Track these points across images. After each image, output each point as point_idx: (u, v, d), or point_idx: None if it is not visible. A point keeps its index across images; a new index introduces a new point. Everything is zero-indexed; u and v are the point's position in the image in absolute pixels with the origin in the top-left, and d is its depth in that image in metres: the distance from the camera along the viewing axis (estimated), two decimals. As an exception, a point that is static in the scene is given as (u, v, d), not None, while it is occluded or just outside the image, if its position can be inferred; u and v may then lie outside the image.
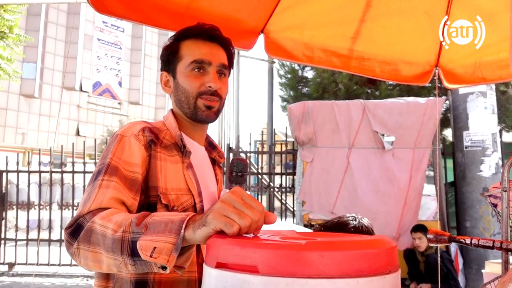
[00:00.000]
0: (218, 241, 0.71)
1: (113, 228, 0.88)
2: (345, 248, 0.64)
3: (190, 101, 1.23)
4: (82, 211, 0.98)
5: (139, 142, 1.14)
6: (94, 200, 1.00)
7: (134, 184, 1.09)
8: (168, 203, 1.14)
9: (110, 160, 1.09)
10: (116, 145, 1.12)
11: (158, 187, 1.14)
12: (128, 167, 1.10)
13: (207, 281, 0.72)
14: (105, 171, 1.07)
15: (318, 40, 2.40)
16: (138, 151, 1.13)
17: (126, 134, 1.14)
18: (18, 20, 9.27)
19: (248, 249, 0.65)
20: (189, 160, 1.23)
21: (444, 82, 2.43)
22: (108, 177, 1.06)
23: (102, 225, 0.91)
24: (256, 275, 0.63)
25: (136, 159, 1.12)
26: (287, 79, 7.77)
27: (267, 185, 6.32)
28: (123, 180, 1.07)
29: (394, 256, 0.70)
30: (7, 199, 6.70)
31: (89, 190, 1.06)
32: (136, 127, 1.17)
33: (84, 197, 1.05)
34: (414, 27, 2.33)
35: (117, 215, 0.94)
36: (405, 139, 5.18)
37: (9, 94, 24.35)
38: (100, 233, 0.90)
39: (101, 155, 1.16)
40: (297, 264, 0.61)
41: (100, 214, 0.94)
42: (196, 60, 1.23)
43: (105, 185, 1.04)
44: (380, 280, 0.64)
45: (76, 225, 0.96)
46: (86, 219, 0.95)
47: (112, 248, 0.87)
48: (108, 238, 0.88)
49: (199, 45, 1.25)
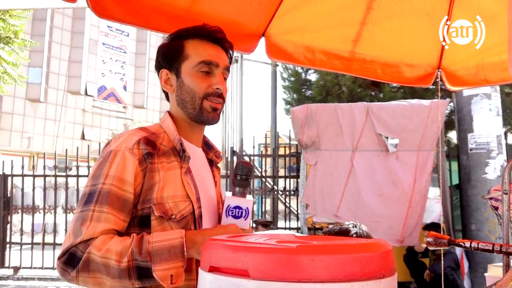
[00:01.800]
0: (211, 245, 0.71)
1: (116, 259, 1.01)
2: (336, 252, 0.63)
3: (196, 101, 1.21)
4: (74, 241, 1.04)
5: (134, 156, 1.11)
6: (85, 233, 1.04)
7: (125, 205, 1.09)
8: (163, 214, 1.12)
9: (102, 185, 1.09)
10: (109, 164, 1.11)
11: (152, 199, 1.12)
12: (121, 185, 1.09)
13: (202, 284, 0.71)
14: (96, 198, 1.08)
15: (319, 43, 2.39)
16: (131, 166, 1.11)
17: (120, 148, 1.12)
18: (24, 25, 9.33)
19: (239, 253, 0.64)
20: (187, 165, 1.20)
21: (447, 84, 2.41)
22: (99, 207, 1.07)
23: (102, 257, 1.01)
24: (249, 279, 0.62)
25: (129, 176, 1.10)
26: (291, 82, 7.76)
27: (271, 188, 6.31)
28: (115, 204, 1.08)
29: (390, 260, 0.69)
30: (12, 203, 6.74)
31: (79, 218, 1.08)
32: (131, 140, 1.14)
33: (73, 225, 1.08)
34: (415, 29, 2.32)
35: (112, 244, 1.03)
36: (409, 141, 5.15)
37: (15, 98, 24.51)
38: (102, 263, 1.01)
39: (94, 170, 1.14)
40: (288, 268, 0.61)
41: (95, 245, 1.03)
42: (204, 60, 1.21)
43: (96, 217, 1.06)
44: (375, 284, 0.64)
45: (69, 255, 1.04)
46: (79, 249, 1.03)
47: (120, 276, 1.01)
48: (113, 268, 1.01)
49: (205, 46, 1.24)
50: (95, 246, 1.03)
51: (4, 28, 8.88)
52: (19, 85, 9.74)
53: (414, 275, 4.83)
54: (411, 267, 4.82)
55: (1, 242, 6.66)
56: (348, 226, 1.59)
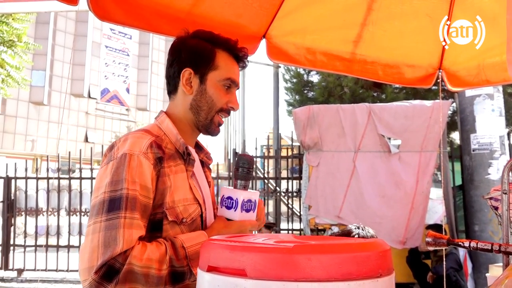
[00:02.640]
0: (209, 244, 0.72)
1: (157, 267, 1.02)
2: (333, 251, 0.63)
3: (211, 113, 1.23)
4: (112, 253, 0.99)
5: (149, 161, 1.09)
6: (124, 243, 1.00)
7: (146, 211, 1.08)
8: (175, 218, 1.12)
9: (128, 191, 1.05)
10: (127, 168, 1.07)
11: (164, 203, 1.11)
12: (144, 192, 1.08)
13: (200, 284, 0.72)
14: (125, 205, 1.04)
15: (320, 44, 2.40)
16: (148, 171, 1.09)
17: (134, 152, 1.09)
18: (27, 28, 9.38)
19: (237, 253, 0.65)
20: (193, 168, 1.21)
21: (448, 84, 2.41)
22: (130, 213, 1.04)
23: (143, 266, 1.01)
24: (246, 279, 0.63)
25: (149, 182, 1.09)
26: (293, 83, 7.77)
27: (274, 190, 6.31)
28: (142, 211, 1.07)
29: (387, 260, 0.69)
30: (16, 206, 6.76)
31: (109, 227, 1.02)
32: (143, 143, 1.11)
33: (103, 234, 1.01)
34: (416, 30, 2.32)
35: (151, 253, 1.03)
36: (411, 142, 5.14)
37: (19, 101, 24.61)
38: (142, 273, 1.01)
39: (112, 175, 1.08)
40: (285, 267, 0.61)
41: (134, 256, 1.01)
42: (231, 78, 1.24)
43: (128, 224, 1.03)
44: (372, 283, 0.64)
45: (107, 268, 0.99)
46: (118, 261, 0.99)
47: (157, 283, 1.03)
48: (152, 277, 1.02)
49: (233, 63, 1.27)
50: (135, 256, 1.01)
51: (8, 31, 8.94)
52: (22, 88, 9.79)
53: (417, 277, 4.82)
54: (414, 268, 4.81)
55: (5, 245, 6.68)
56: (351, 228, 1.60)
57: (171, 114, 1.27)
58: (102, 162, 1.14)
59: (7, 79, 9.15)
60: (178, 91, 1.27)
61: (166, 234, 1.12)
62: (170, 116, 1.26)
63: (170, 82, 1.29)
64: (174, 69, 1.26)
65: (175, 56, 1.27)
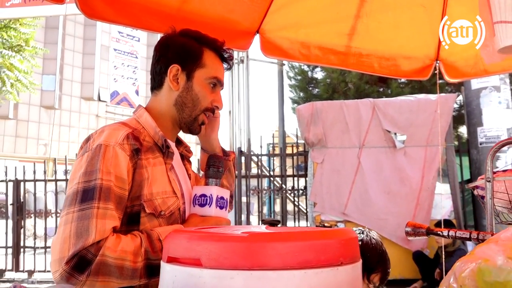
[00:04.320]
0: (170, 235, 0.70)
1: (131, 260, 1.00)
2: (289, 240, 0.62)
3: (195, 111, 1.23)
4: (84, 243, 0.97)
5: (125, 152, 1.08)
6: (96, 234, 0.98)
7: (121, 202, 1.07)
8: (153, 211, 1.11)
9: (101, 181, 1.03)
10: (102, 159, 1.05)
11: (142, 196, 1.10)
12: (119, 183, 1.06)
13: (162, 276, 0.71)
14: (98, 195, 1.02)
15: (314, 38, 2.37)
16: (124, 163, 1.08)
17: (110, 143, 1.08)
18: (34, 33, 9.49)
19: (193, 242, 0.64)
20: (171, 161, 1.21)
21: (445, 76, 2.37)
22: (103, 204, 1.02)
23: (117, 258, 0.99)
24: (202, 268, 0.61)
25: (124, 173, 1.07)
26: (297, 80, 7.73)
27: (280, 188, 6.29)
28: (116, 202, 1.05)
29: (350, 248, 0.67)
30: (25, 208, 6.84)
31: (81, 217, 1.00)
32: (120, 135, 1.11)
33: (75, 225, 0.99)
34: (411, 21, 2.29)
35: (125, 245, 1.01)
36: (417, 137, 5.08)
37: (30, 106, 24.94)
38: (115, 265, 0.98)
39: (86, 165, 1.07)
40: (239, 256, 0.60)
41: (108, 247, 0.99)
42: (217, 77, 1.25)
43: (101, 214, 1.01)
44: (332, 271, 0.62)
45: (79, 258, 0.96)
46: (90, 252, 0.97)
47: (132, 276, 1.01)
48: (127, 269, 1.00)
49: (219, 62, 1.28)
50: (108, 248, 0.99)
51: (15, 36, 9.05)
52: (31, 92, 9.91)
53: (424, 274, 4.76)
54: (420, 265, 4.75)
55: (15, 247, 6.76)
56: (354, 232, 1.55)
57: (152, 109, 1.26)
58: (78, 154, 1.13)
59: (16, 84, 9.27)
60: (163, 87, 1.26)
61: (144, 227, 1.10)
62: (150, 110, 1.25)
63: (155, 78, 1.29)
64: (160, 65, 1.26)
65: (162, 52, 1.27)
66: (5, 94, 9.37)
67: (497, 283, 0.45)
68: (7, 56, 8.86)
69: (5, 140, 24.73)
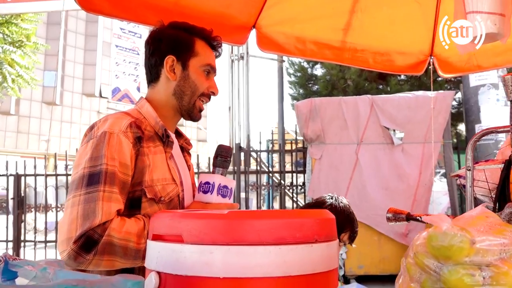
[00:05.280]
0: (155, 215, 0.74)
1: (135, 241, 1.05)
2: (265, 217, 0.65)
3: (193, 98, 1.28)
4: (91, 224, 1.02)
5: (128, 139, 1.14)
6: (102, 215, 1.04)
7: (125, 187, 1.12)
8: (154, 196, 1.16)
9: (107, 166, 1.09)
10: (107, 145, 1.11)
11: (143, 181, 1.15)
12: (123, 169, 1.12)
13: (147, 253, 0.74)
14: (104, 179, 1.07)
15: (309, 33, 2.40)
16: (127, 150, 1.13)
17: (114, 131, 1.13)
18: (35, 29, 9.52)
19: (175, 219, 0.67)
20: (171, 150, 1.26)
21: (439, 71, 2.40)
22: (109, 187, 1.07)
23: (122, 239, 1.04)
24: (183, 244, 0.65)
25: (127, 160, 1.13)
26: (297, 77, 7.76)
27: (278, 183, 6.33)
28: (120, 187, 1.10)
29: (326, 227, 0.70)
30: (25, 202, 6.88)
31: (88, 200, 1.05)
32: (123, 123, 1.16)
33: (82, 207, 1.04)
34: (405, 16, 2.32)
35: (129, 227, 1.06)
36: (415, 133, 5.10)
37: (32, 102, 25.02)
38: (120, 245, 1.04)
39: (91, 151, 1.12)
40: (218, 232, 0.63)
41: (113, 228, 1.04)
42: (210, 64, 1.31)
43: (107, 197, 1.07)
44: (306, 248, 0.65)
45: (86, 238, 1.02)
46: (96, 232, 1.03)
47: (135, 256, 1.05)
48: (131, 249, 1.04)
49: (210, 50, 1.33)
50: (114, 229, 1.04)
51: (17, 32, 9.08)
52: (32, 88, 9.95)
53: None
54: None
55: (16, 241, 6.81)
56: (325, 198, 1.63)
57: (152, 100, 1.31)
58: (82, 141, 1.18)
59: (17, 79, 9.31)
60: (160, 79, 1.31)
61: (145, 211, 1.15)
62: (150, 102, 1.30)
63: (151, 71, 1.34)
64: (155, 58, 1.31)
65: (155, 46, 1.32)
66: (7, 90, 9.41)
67: (442, 247, 0.49)
68: (9, 52, 8.90)
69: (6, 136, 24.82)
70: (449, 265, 0.48)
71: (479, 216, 0.59)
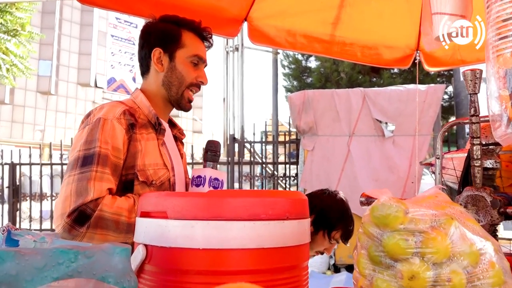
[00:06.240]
0: (143, 195, 0.81)
1: (126, 215, 1.12)
2: (241, 196, 0.72)
3: (181, 88, 1.35)
4: (84, 200, 1.10)
5: (121, 125, 1.22)
6: (94, 192, 1.12)
7: (117, 170, 1.20)
8: (145, 179, 1.24)
9: (100, 149, 1.16)
10: (101, 130, 1.18)
11: (136, 165, 1.23)
12: (116, 152, 1.19)
13: (136, 229, 0.81)
14: (97, 160, 1.15)
15: (300, 27, 2.46)
16: (120, 135, 1.21)
17: (108, 117, 1.21)
18: (30, 18, 9.49)
19: (160, 198, 0.74)
20: (163, 137, 1.34)
21: (425, 65, 2.47)
22: (101, 168, 1.15)
23: (113, 213, 1.11)
24: (167, 220, 0.72)
25: (120, 144, 1.20)
26: (291, 69, 7.81)
27: (271, 174, 6.41)
28: (112, 169, 1.18)
29: (297, 207, 0.78)
30: (21, 191, 6.93)
31: (81, 179, 1.13)
32: (117, 110, 1.24)
33: (75, 185, 1.12)
34: (392, 11, 2.38)
35: (120, 203, 1.14)
36: (406, 126, 5.19)
37: (26, 91, 24.87)
38: (112, 219, 1.11)
39: (86, 135, 1.20)
40: (198, 208, 0.70)
41: (105, 203, 1.12)
42: (198, 55, 1.35)
43: (99, 177, 1.14)
44: (278, 224, 0.73)
45: (79, 213, 1.10)
46: (89, 207, 1.10)
47: (127, 230, 1.10)
48: (123, 223, 1.10)
49: (198, 41, 1.38)
50: (106, 204, 1.11)
51: (11, 21, 9.05)
52: (27, 77, 9.93)
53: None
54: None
55: (11, 229, 6.87)
56: (316, 192, 1.68)
57: (145, 91, 1.39)
58: (79, 128, 1.26)
59: (12, 69, 9.30)
60: (150, 71, 1.39)
61: (137, 194, 1.23)
62: (144, 92, 1.38)
63: (142, 63, 1.42)
64: (145, 50, 1.39)
65: (145, 39, 1.40)
66: (1, 79, 9.40)
67: (381, 216, 0.57)
68: (3, 41, 8.88)
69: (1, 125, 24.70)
70: (387, 232, 0.57)
71: (430, 196, 0.68)
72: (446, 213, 0.56)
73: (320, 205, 1.57)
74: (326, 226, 1.54)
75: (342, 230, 1.55)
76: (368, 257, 0.60)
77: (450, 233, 0.54)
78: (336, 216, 1.54)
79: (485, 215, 0.85)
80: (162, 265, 0.71)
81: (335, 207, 1.58)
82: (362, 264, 0.61)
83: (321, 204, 1.58)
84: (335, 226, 1.54)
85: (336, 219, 1.54)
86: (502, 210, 0.85)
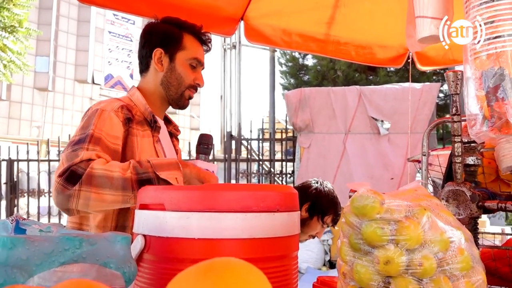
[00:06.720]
0: (142, 189, 0.86)
1: (120, 171, 1.10)
2: (234, 190, 0.77)
3: (181, 88, 1.40)
4: (74, 161, 1.10)
5: (119, 118, 1.26)
6: (84, 155, 1.13)
7: (116, 155, 1.23)
8: None
9: (93, 131, 1.19)
10: (97, 118, 1.22)
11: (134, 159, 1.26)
12: (111, 138, 1.22)
13: (135, 221, 0.86)
14: (88, 140, 1.17)
15: (295, 26, 2.51)
16: (117, 125, 1.25)
17: (106, 109, 1.26)
18: (27, 14, 9.48)
19: (158, 191, 0.79)
20: (158, 134, 1.39)
21: (417, 64, 2.52)
22: (92, 146, 1.16)
23: (106, 170, 1.10)
24: (165, 211, 0.77)
25: (117, 132, 1.24)
26: (288, 67, 7.86)
27: (268, 171, 6.46)
28: (106, 150, 1.19)
29: (287, 200, 0.82)
30: (18, 187, 6.96)
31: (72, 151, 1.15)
32: (115, 104, 1.29)
33: (65, 154, 1.15)
34: (386, 11, 2.42)
35: (113, 163, 1.13)
36: (401, 124, 5.24)
37: (24, 87, 24.82)
38: (105, 176, 1.09)
39: (82, 123, 1.25)
40: (194, 200, 0.75)
41: (97, 162, 1.11)
42: (197, 58, 1.41)
43: (90, 150, 1.16)
44: (269, 216, 0.78)
45: (70, 172, 1.09)
46: (80, 167, 1.10)
47: (123, 186, 1.09)
48: (117, 179, 1.08)
49: (198, 45, 1.44)
50: (97, 162, 1.11)
51: (9, 17, 9.04)
52: (24, 73, 9.93)
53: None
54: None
55: (9, 225, 6.90)
56: (310, 182, 1.76)
57: (142, 89, 1.44)
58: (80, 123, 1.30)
59: (9, 65, 9.29)
60: (150, 69, 1.44)
61: None
62: (141, 90, 1.43)
63: (142, 62, 1.47)
64: (146, 50, 1.44)
65: (146, 39, 1.45)
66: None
67: (360, 206, 0.62)
68: (0, 37, 8.87)
69: (-2, 122, 24.66)
70: (365, 221, 0.62)
71: (410, 189, 0.73)
72: (420, 204, 0.62)
73: (314, 193, 1.69)
74: (320, 211, 1.71)
75: (333, 215, 1.72)
76: (349, 245, 0.65)
77: (422, 222, 0.59)
78: (328, 202, 1.71)
79: (465, 208, 0.91)
80: (160, 254, 0.75)
81: (327, 195, 1.73)
82: (344, 251, 0.67)
83: (315, 192, 1.69)
84: (328, 211, 1.70)
85: (328, 205, 1.70)
86: (481, 204, 0.90)
